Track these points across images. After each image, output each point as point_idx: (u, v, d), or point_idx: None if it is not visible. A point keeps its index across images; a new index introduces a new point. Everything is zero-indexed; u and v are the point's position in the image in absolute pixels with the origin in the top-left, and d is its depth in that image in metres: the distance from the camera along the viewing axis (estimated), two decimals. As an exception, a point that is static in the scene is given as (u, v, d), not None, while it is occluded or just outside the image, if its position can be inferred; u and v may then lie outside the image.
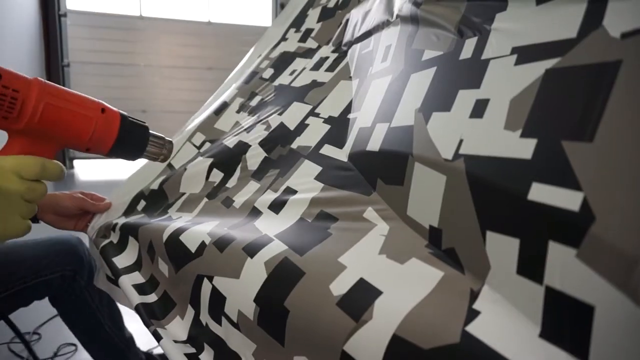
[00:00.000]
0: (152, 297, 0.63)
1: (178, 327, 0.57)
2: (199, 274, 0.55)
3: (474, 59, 0.42)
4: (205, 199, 0.72)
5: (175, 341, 0.55)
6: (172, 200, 0.77)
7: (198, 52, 5.56)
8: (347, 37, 0.84)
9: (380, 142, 0.53)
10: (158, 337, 0.56)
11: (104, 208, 0.82)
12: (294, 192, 0.61)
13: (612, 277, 0.24)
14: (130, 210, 0.80)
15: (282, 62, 0.99)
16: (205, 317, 0.54)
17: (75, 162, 5.15)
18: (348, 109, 0.71)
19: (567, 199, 0.27)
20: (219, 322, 0.51)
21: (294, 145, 0.71)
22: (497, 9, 0.41)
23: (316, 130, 0.71)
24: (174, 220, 0.68)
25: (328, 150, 0.66)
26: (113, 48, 5.26)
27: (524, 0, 0.38)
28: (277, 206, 0.60)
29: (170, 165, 0.86)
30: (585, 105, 0.28)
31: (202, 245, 0.56)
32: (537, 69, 0.33)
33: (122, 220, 0.76)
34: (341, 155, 0.63)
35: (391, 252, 0.42)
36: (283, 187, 0.63)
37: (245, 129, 0.83)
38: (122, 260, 0.71)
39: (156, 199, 0.79)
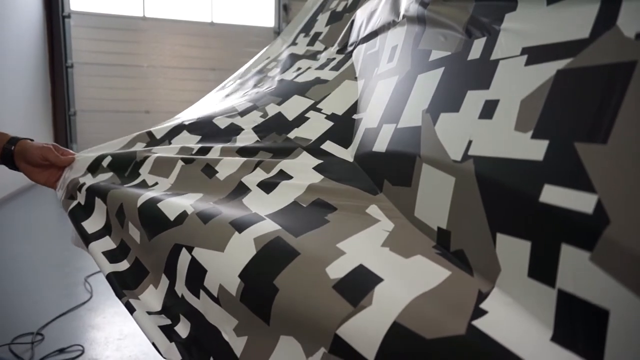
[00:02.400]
0: (123, 265, 0.60)
1: (151, 297, 0.54)
2: (176, 243, 0.51)
3: (483, 59, 0.41)
4: (182, 163, 0.67)
5: (149, 312, 0.52)
6: (141, 158, 0.71)
7: (201, 52, 5.58)
8: (352, 38, 0.84)
9: (387, 143, 0.52)
10: (131, 309, 0.53)
11: (67, 161, 0.78)
12: (289, 177, 0.58)
13: (627, 280, 0.24)
14: (95, 165, 0.75)
15: (288, 63, 1.00)
16: (181, 289, 0.51)
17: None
18: (353, 108, 0.70)
19: (581, 202, 0.27)
20: (197, 295, 0.48)
21: (291, 135, 0.69)
22: (507, 9, 0.40)
23: (317, 125, 0.70)
24: (151, 189, 0.64)
25: (331, 146, 0.65)
26: (116, 49, 5.28)
27: (534, 0, 0.37)
28: (267, 185, 0.56)
29: (150, 134, 0.80)
30: (598, 107, 0.28)
31: (183, 215, 0.53)
32: (548, 70, 0.33)
33: (90, 181, 0.71)
34: (346, 155, 0.63)
35: (395, 246, 0.41)
36: (276, 170, 0.60)
37: (239, 113, 0.80)
38: (90, 225, 0.66)
39: (123, 155, 0.74)
